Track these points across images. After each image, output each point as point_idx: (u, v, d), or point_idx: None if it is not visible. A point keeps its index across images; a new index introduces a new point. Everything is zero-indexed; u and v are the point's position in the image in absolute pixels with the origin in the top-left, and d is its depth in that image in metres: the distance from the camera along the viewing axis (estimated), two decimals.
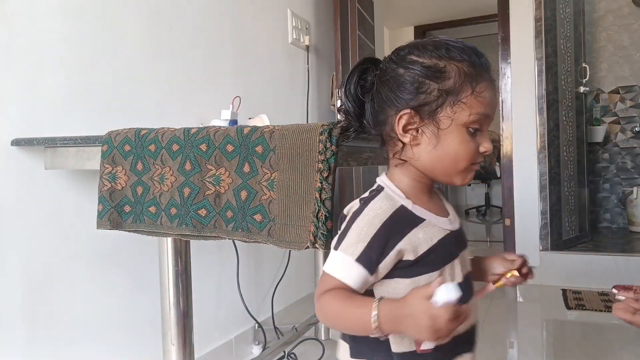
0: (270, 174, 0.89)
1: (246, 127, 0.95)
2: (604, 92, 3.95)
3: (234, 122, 1.52)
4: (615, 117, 3.94)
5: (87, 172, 1.31)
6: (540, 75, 3.01)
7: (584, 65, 3.35)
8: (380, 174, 0.77)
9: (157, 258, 1.08)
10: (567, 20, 3.20)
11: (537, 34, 3.01)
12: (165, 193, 0.99)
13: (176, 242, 1.07)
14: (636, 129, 3.87)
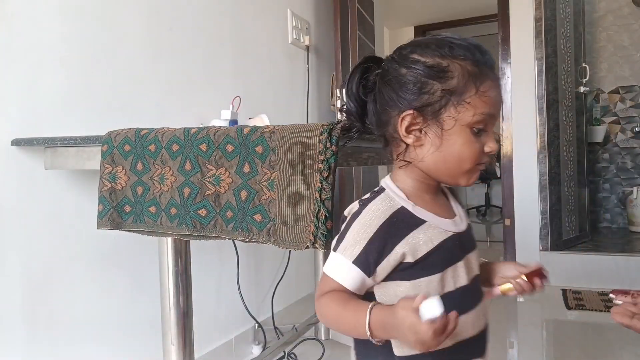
0: (270, 174, 0.89)
1: (246, 127, 0.95)
2: (604, 92, 3.95)
3: (234, 122, 1.52)
4: (615, 117, 3.94)
5: (87, 172, 1.31)
6: (540, 75, 3.01)
7: (584, 65, 3.35)
8: (380, 174, 0.77)
9: (157, 258, 1.08)
10: (567, 20, 3.20)
11: (537, 34, 3.01)
12: (165, 193, 0.99)
13: (176, 242, 1.07)
14: (636, 129, 3.87)
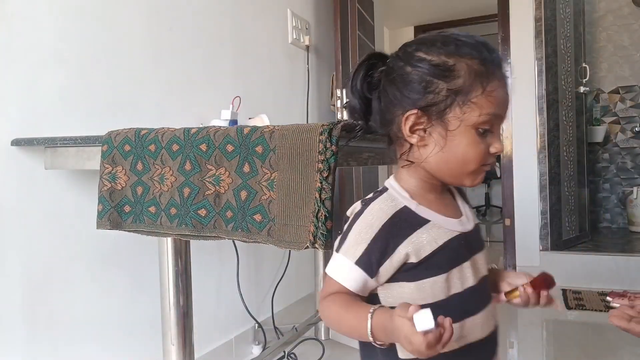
0: (270, 174, 0.89)
1: (246, 127, 0.95)
2: (604, 92, 3.95)
3: (234, 122, 1.52)
4: (615, 117, 3.94)
5: (87, 172, 1.30)
6: (540, 75, 3.01)
7: (584, 65, 3.35)
8: (380, 174, 0.76)
9: (157, 258, 1.08)
10: (567, 20, 3.20)
11: (537, 34, 3.01)
12: (165, 193, 0.99)
13: (176, 242, 1.07)
14: (636, 129, 3.87)
